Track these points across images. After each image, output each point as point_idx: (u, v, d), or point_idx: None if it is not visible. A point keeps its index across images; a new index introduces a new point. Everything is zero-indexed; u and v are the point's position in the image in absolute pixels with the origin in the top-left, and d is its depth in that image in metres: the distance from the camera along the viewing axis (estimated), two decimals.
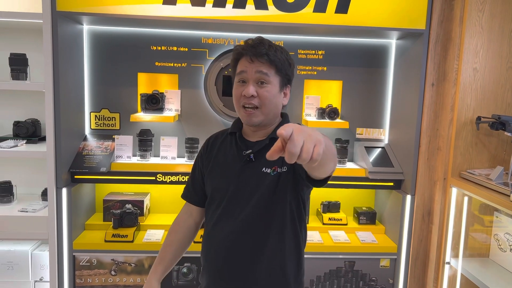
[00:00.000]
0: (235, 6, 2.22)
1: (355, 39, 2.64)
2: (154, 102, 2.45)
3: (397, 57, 2.64)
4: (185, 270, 2.43)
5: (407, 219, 2.45)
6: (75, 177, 2.37)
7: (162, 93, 2.52)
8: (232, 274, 1.39)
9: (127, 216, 2.47)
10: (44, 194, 2.51)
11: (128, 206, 2.52)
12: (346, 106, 2.71)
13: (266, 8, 2.23)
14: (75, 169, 2.35)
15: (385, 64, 2.69)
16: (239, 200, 1.40)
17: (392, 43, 2.66)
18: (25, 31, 2.50)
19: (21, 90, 2.40)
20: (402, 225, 2.46)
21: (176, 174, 2.43)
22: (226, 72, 2.59)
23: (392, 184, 2.52)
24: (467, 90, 2.22)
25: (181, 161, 2.51)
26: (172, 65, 2.61)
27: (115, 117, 2.62)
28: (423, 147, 2.37)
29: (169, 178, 2.43)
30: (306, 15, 2.24)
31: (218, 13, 2.22)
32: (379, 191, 2.81)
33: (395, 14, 2.26)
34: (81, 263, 2.38)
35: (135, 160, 2.49)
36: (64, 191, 2.29)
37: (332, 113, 2.53)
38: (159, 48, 2.59)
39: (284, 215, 1.38)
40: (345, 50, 2.65)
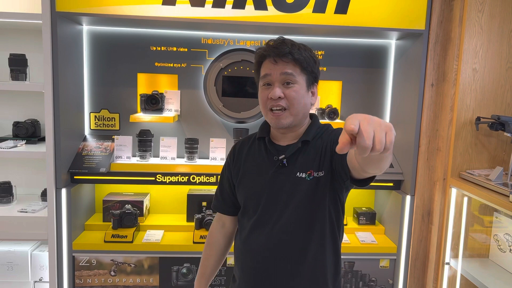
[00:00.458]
0: (234, 7, 2.22)
1: (354, 39, 2.64)
2: (154, 103, 2.45)
3: (396, 58, 2.64)
4: (184, 271, 2.43)
5: (406, 219, 2.44)
6: (75, 177, 2.37)
7: (161, 94, 2.52)
8: (273, 283, 1.35)
9: (126, 216, 2.47)
10: (44, 195, 2.51)
11: (128, 206, 2.52)
12: (345, 107, 2.71)
13: (266, 9, 2.23)
14: (74, 169, 2.35)
15: (384, 64, 2.69)
16: (274, 208, 1.35)
17: (392, 43, 2.66)
18: (24, 31, 2.51)
19: (20, 90, 2.40)
20: (402, 225, 2.46)
21: (176, 174, 2.43)
22: (226, 73, 2.59)
23: (391, 184, 2.52)
24: (466, 90, 2.22)
25: (180, 161, 2.51)
26: (171, 65, 2.61)
27: (114, 118, 2.62)
28: (423, 147, 2.37)
29: (168, 179, 2.43)
30: (306, 16, 2.24)
31: (218, 14, 2.22)
32: (378, 191, 2.81)
33: (395, 14, 2.26)
34: (80, 264, 2.38)
35: (134, 160, 2.49)
36: (64, 191, 2.29)
37: (332, 113, 2.53)
38: (159, 49, 2.59)
39: (324, 220, 1.33)
40: (344, 50, 2.65)
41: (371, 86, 2.70)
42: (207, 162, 2.52)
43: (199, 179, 2.45)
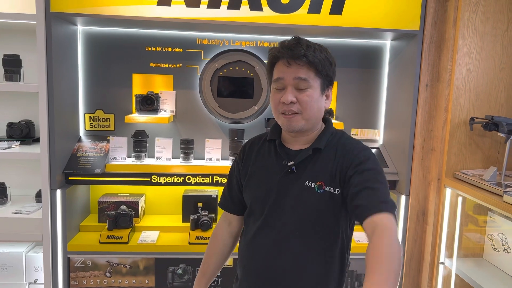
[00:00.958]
0: (229, 7, 2.22)
1: (349, 40, 2.64)
2: (149, 103, 2.45)
3: (391, 58, 2.65)
4: (180, 272, 2.42)
5: (401, 219, 2.46)
6: (70, 178, 2.36)
7: (157, 94, 2.51)
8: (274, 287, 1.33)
9: (122, 217, 2.46)
10: (38, 196, 2.49)
11: (123, 207, 2.51)
12: (341, 107, 2.72)
13: (261, 9, 2.23)
14: (69, 170, 2.34)
15: (379, 65, 2.70)
16: (280, 213, 1.32)
17: (387, 44, 2.67)
18: (18, 32, 2.49)
19: (14, 91, 2.39)
20: (397, 225, 2.47)
21: (171, 175, 2.43)
22: (221, 73, 2.59)
23: None
24: (460, 91, 2.24)
25: (176, 162, 2.50)
26: (167, 66, 2.60)
27: (109, 118, 2.61)
28: (418, 147, 2.39)
29: (164, 179, 2.43)
30: (301, 16, 2.24)
31: (213, 14, 2.22)
32: None
33: (389, 15, 2.27)
34: (75, 265, 2.37)
35: (130, 161, 2.48)
36: (58, 192, 2.28)
37: (327, 113, 2.54)
38: (154, 49, 2.58)
39: (332, 236, 1.31)
40: (340, 51, 2.65)
41: (366, 87, 2.71)
42: (202, 163, 2.51)
43: (194, 179, 2.44)
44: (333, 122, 2.51)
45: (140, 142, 2.48)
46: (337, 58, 2.69)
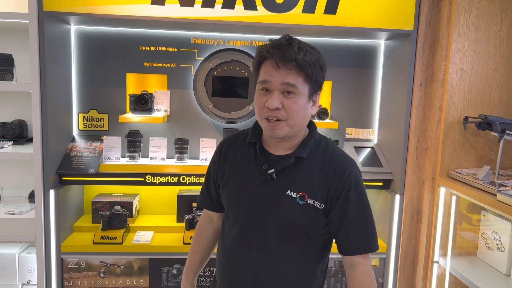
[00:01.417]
0: (224, 7, 2.21)
1: (344, 39, 2.65)
2: (143, 103, 2.44)
3: (385, 58, 2.65)
4: (175, 272, 2.41)
5: (396, 218, 2.46)
6: (63, 178, 2.35)
7: (151, 94, 2.50)
8: None
9: (116, 217, 2.45)
10: (32, 196, 2.47)
11: (117, 207, 2.50)
12: (335, 107, 2.72)
13: (255, 9, 2.23)
14: (63, 170, 2.33)
15: (374, 64, 2.70)
16: (259, 221, 1.27)
17: (381, 43, 2.68)
18: (11, 31, 2.47)
19: (7, 91, 2.37)
20: (391, 224, 2.48)
21: (166, 175, 2.42)
22: (216, 73, 2.58)
23: (381, 184, 2.53)
24: (454, 90, 2.25)
25: (170, 162, 2.50)
26: (161, 65, 2.59)
27: (103, 118, 2.60)
28: (412, 147, 2.39)
29: (158, 179, 2.42)
30: (295, 16, 2.24)
31: (207, 14, 2.21)
32: (368, 190, 2.81)
33: (384, 15, 2.27)
34: (69, 266, 2.36)
35: (124, 161, 2.47)
36: (52, 193, 2.26)
37: (322, 113, 2.54)
38: (148, 49, 2.57)
39: (310, 246, 1.28)
40: (334, 50, 2.66)
41: (360, 86, 2.72)
42: (197, 163, 2.51)
43: (189, 179, 2.44)
44: (326, 122, 2.54)
45: (134, 142, 2.47)
46: (331, 58, 2.73)
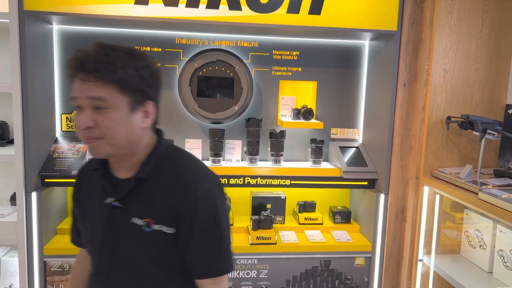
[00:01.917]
0: (208, 7, 2.20)
1: (329, 40, 2.66)
2: None
3: (370, 58, 2.67)
4: None
5: (381, 217, 2.48)
6: (46, 180, 2.31)
7: None
8: None
9: None
10: (13, 199, 2.42)
11: None
12: (320, 107, 2.73)
13: (240, 9, 2.22)
14: (45, 172, 2.29)
15: (358, 65, 2.72)
16: (109, 257, 1.15)
17: (365, 44, 2.70)
18: None
19: None
20: (376, 223, 2.50)
21: None
22: (201, 73, 2.57)
23: (366, 183, 2.55)
24: (437, 90, 2.27)
25: None
26: None
27: None
28: (396, 146, 2.41)
29: None
30: (280, 16, 2.25)
31: (191, 14, 2.20)
32: (354, 190, 2.84)
33: (368, 15, 2.29)
34: (52, 269, 2.32)
35: None
36: (34, 195, 2.22)
37: (307, 113, 2.55)
38: None
39: (169, 281, 1.16)
40: (319, 51, 2.67)
41: (345, 86, 2.73)
42: None
43: None
44: (311, 122, 2.55)
45: None
46: (316, 58, 2.73)
